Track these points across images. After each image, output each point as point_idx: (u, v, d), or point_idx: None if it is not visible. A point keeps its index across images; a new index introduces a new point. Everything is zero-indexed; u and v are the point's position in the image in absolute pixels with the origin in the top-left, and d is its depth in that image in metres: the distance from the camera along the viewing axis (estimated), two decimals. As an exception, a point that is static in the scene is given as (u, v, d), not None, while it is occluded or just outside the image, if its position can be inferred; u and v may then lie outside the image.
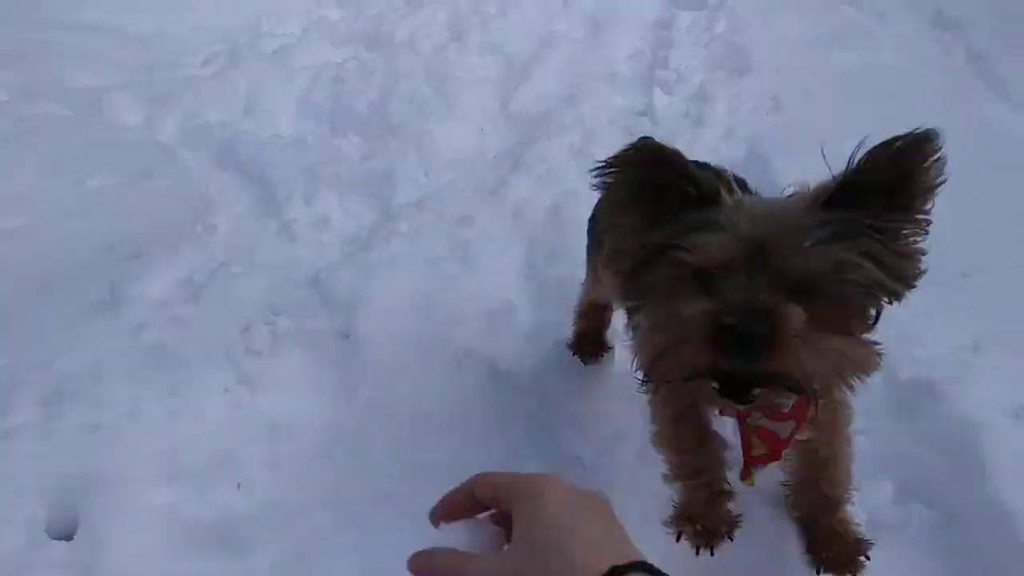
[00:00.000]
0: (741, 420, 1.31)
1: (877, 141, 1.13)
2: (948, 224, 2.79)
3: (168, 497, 1.80)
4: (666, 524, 1.55)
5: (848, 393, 1.24)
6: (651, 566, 0.61)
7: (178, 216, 2.75)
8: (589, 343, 2.18)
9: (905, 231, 1.14)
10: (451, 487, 0.73)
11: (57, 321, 2.09)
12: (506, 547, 0.66)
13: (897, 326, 2.21)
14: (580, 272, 2.60)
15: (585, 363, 2.17)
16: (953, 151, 3.78)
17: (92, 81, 3.62)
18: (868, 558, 1.57)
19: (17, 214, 2.64)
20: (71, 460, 1.76)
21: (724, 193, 1.14)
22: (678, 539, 1.52)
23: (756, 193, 1.35)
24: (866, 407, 2.05)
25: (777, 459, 1.38)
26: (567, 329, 2.31)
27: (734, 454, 1.43)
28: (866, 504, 1.87)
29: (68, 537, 1.68)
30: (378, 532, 1.71)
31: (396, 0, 5.22)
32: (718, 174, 1.21)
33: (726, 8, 4.90)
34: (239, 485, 1.85)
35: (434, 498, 0.72)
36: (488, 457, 1.92)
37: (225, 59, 4.12)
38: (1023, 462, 1.79)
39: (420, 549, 0.67)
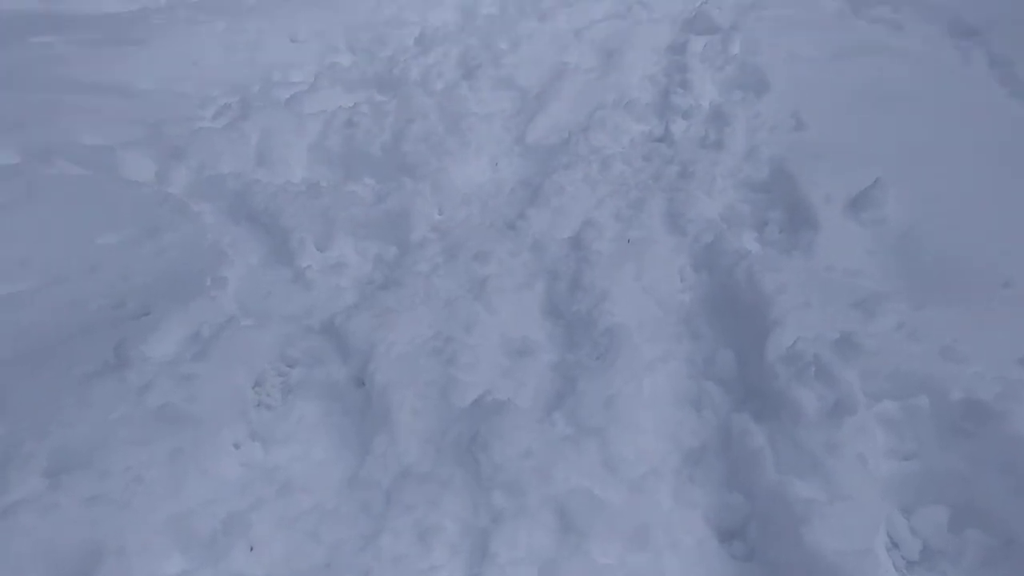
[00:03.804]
0: None
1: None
2: (986, 233, 2.69)
3: (179, 566, 1.70)
4: None
5: None
6: None
7: (188, 270, 2.69)
8: None
9: None
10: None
11: (59, 386, 2.01)
12: None
13: (939, 342, 2.11)
14: (605, 304, 2.50)
15: None
16: (986, 157, 3.64)
17: (103, 139, 3.61)
18: None
19: (22, 278, 2.59)
20: (75, 534, 1.66)
21: None
22: None
23: None
24: (916, 429, 1.93)
25: None
26: (595, 368, 2.21)
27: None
28: (920, 531, 1.77)
29: (73, 616, 1.58)
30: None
31: (408, 41, 5.24)
32: None
33: (740, 30, 4.84)
34: (252, 548, 1.75)
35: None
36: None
37: (236, 110, 4.11)
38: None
39: None
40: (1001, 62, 4.32)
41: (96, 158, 3.45)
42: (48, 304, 2.46)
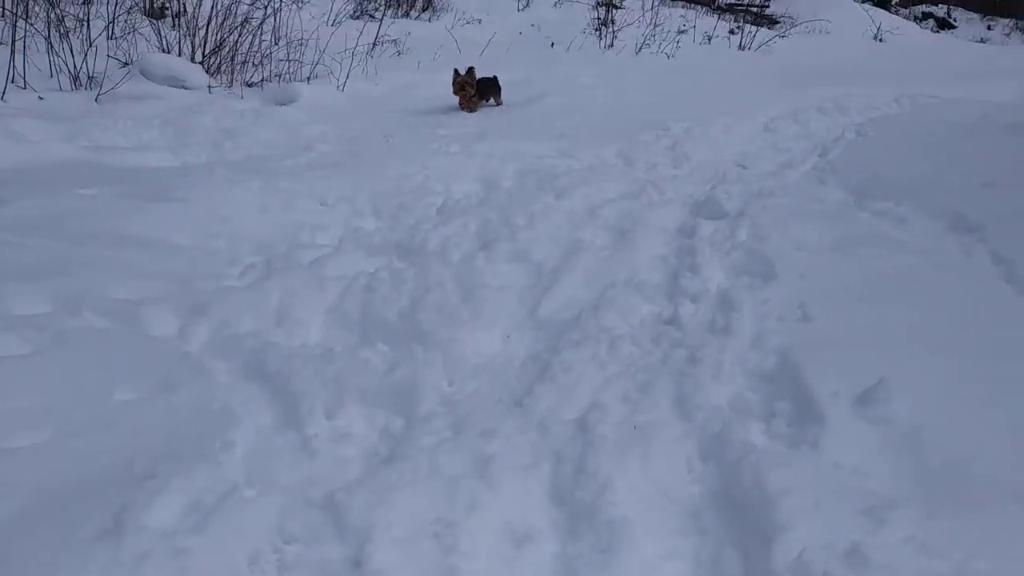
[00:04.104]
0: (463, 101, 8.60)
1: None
2: (994, 436, 2.69)
3: None
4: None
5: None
6: None
7: (198, 431, 2.70)
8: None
9: None
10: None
11: (59, 548, 1.99)
12: None
13: (952, 558, 2.07)
14: (609, 494, 2.49)
15: None
16: (994, 356, 3.67)
17: (132, 293, 3.72)
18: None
19: (44, 427, 2.62)
20: None
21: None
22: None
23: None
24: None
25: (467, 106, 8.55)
26: (597, 563, 2.17)
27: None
28: None
29: None
30: None
31: (431, 210, 5.48)
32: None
33: (747, 217, 5.05)
34: None
35: None
36: None
37: (261, 270, 4.27)
38: None
39: None
40: (1004, 260, 4.45)
41: (122, 311, 3.55)
42: (61, 459, 2.47)
